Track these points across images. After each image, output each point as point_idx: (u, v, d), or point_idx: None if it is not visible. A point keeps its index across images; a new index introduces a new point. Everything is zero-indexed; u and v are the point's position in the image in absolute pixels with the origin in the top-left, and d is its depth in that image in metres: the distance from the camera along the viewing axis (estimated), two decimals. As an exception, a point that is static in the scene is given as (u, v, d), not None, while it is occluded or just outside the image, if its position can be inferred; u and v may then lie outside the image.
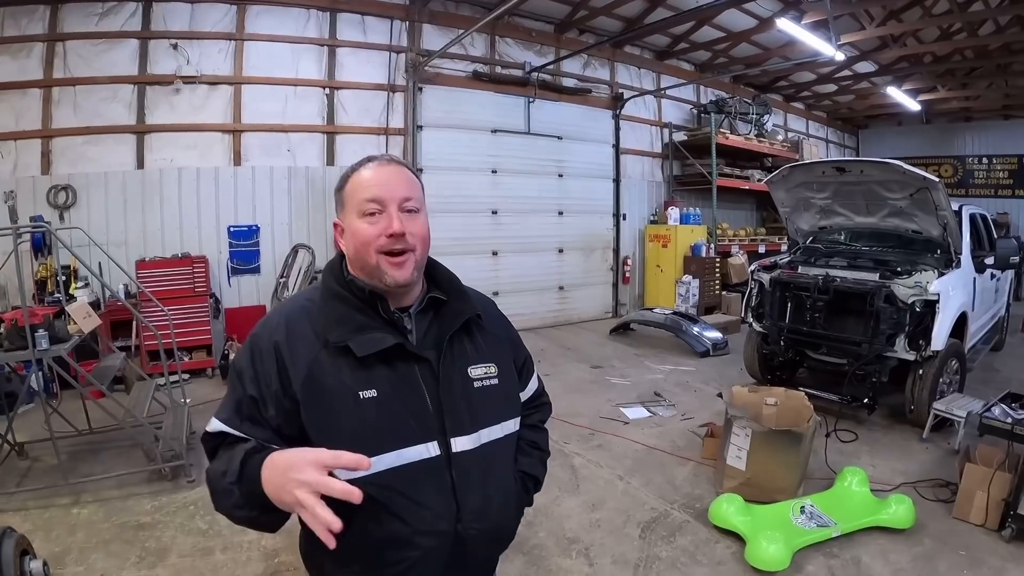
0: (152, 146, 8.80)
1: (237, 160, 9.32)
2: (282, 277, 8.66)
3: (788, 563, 4.20)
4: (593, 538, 4.64)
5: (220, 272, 9.28)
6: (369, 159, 1.69)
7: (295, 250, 8.78)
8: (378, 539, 1.55)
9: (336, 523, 1.24)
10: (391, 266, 1.60)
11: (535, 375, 2.11)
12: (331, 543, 1.25)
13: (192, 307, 8.37)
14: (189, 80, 8.89)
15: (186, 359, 8.16)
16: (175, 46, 8.79)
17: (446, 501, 1.59)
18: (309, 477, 1.27)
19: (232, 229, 9.34)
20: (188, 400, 6.46)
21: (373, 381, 1.55)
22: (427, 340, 1.69)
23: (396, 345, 1.58)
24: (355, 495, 1.27)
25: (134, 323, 8.06)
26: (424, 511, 1.56)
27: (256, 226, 9.50)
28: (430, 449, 1.59)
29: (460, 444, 1.63)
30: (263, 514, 1.44)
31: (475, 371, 1.74)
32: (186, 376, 7.67)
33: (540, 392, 2.13)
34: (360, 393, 1.54)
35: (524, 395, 2.00)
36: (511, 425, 1.81)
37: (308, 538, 1.66)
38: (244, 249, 9.40)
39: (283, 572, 4.03)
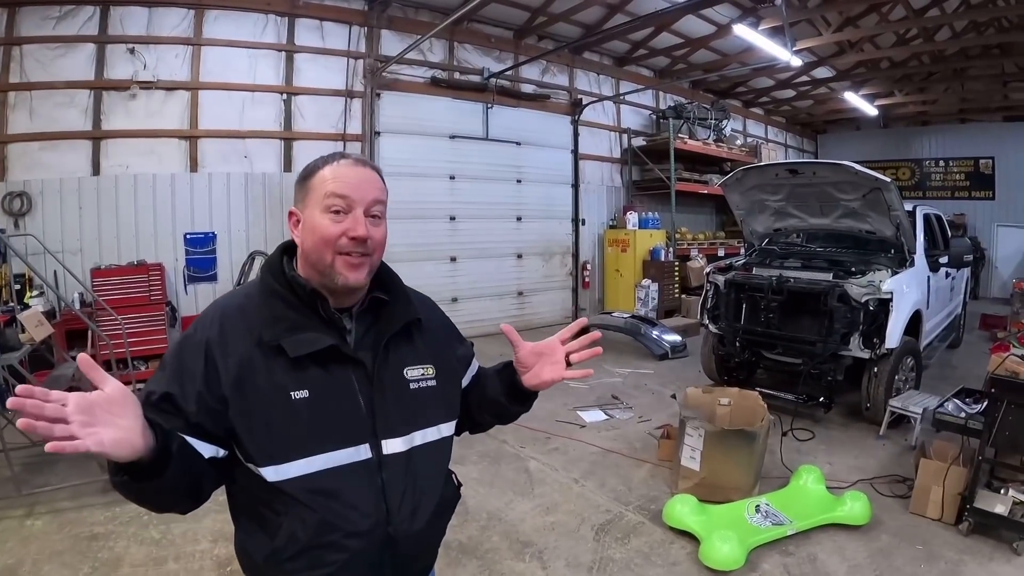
0: (108, 152, 8.66)
1: (194, 166, 9.22)
2: (239, 284, 8.55)
3: (743, 562, 4.26)
4: (547, 541, 4.66)
5: (176, 280, 9.17)
6: (342, 155, 1.67)
7: (252, 257, 8.69)
8: (308, 541, 1.53)
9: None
10: (347, 267, 1.59)
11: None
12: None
13: (148, 316, 8.20)
14: (146, 85, 8.77)
15: (142, 368, 8.02)
16: (132, 51, 8.66)
17: (376, 503, 1.59)
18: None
19: (189, 236, 9.23)
20: (143, 410, 6.35)
21: (306, 381, 1.54)
22: (365, 341, 1.69)
23: (331, 346, 1.58)
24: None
25: (89, 332, 7.92)
26: (352, 513, 1.56)
27: (213, 233, 9.41)
28: (361, 452, 1.59)
29: (391, 447, 1.64)
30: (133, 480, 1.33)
31: (412, 372, 1.74)
32: (141, 386, 7.54)
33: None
34: (292, 394, 1.52)
35: (471, 373, 2.05)
36: (446, 428, 1.81)
37: (244, 541, 1.67)
38: (201, 256, 9.30)
39: (236, 582, 4.00)
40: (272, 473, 1.48)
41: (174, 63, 8.99)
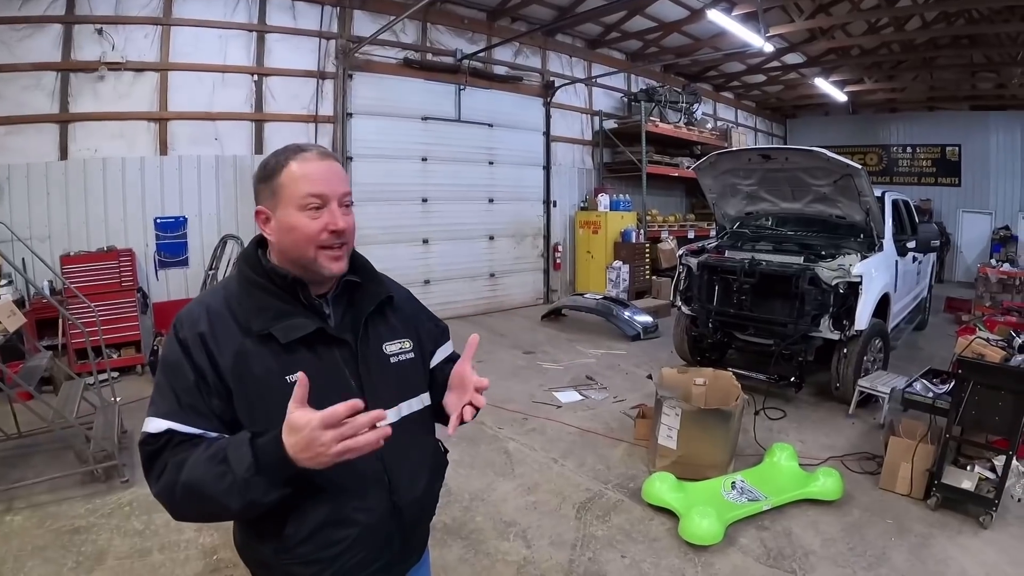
0: (76, 136, 8.45)
1: (163, 149, 9.06)
2: (211, 269, 8.44)
3: (721, 537, 4.36)
4: (530, 520, 4.73)
5: (147, 265, 9.02)
6: (299, 148, 1.67)
7: (223, 241, 8.55)
8: (318, 521, 1.59)
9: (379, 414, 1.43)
10: (330, 260, 1.65)
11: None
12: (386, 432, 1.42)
13: (119, 302, 8.08)
14: (114, 67, 8.55)
15: (115, 356, 7.92)
16: (100, 31, 8.42)
17: (377, 476, 1.67)
18: (315, 421, 1.36)
19: (159, 221, 9.07)
20: (118, 399, 6.30)
21: (298, 366, 1.56)
22: (345, 323, 1.75)
23: (317, 329, 1.63)
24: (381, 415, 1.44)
25: (60, 321, 7.80)
26: (359, 488, 1.62)
27: (183, 217, 9.27)
28: None
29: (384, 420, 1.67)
30: (278, 492, 1.46)
31: (390, 348, 1.82)
32: (115, 374, 7.46)
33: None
34: (287, 378, 1.56)
35: (444, 352, 2.08)
36: (426, 398, 1.90)
37: (245, 532, 1.70)
38: (171, 241, 9.16)
39: (222, 569, 4.01)
40: None
41: (143, 44, 8.78)
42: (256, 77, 9.87)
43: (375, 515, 1.63)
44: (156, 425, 1.52)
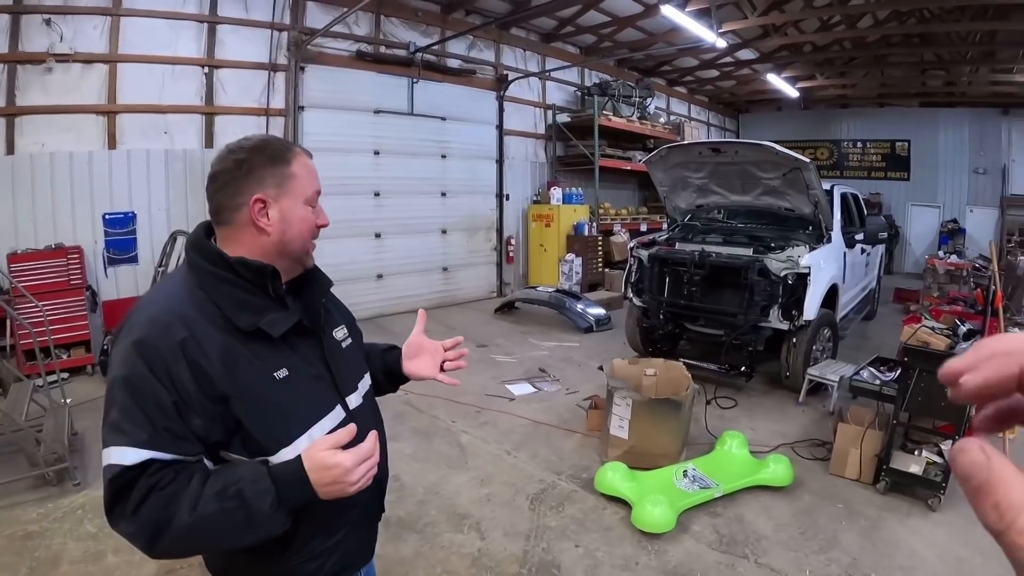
0: (23, 130, 8.17)
1: (112, 143, 8.82)
2: (161, 266, 8.28)
3: (674, 524, 4.43)
4: (484, 512, 4.76)
5: (96, 263, 8.76)
6: (292, 143, 1.74)
7: (173, 237, 8.37)
8: (327, 509, 1.56)
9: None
10: (312, 251, 1.73)
11: None
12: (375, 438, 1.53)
13: (68, 301, 7.89)
14: (62, 58, 8.27)
15: (64, 357, 7.75)
16: (48, 22, 8.12)
17: None
18: (347, 462, 1.43)
19: (108, 217, 8.83)
20: (69, 400, 6.19)
21: (282, 360, 1.57)
22: (305, 313, 1.72)
23: (297, 321, 1.63)
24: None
25: (7, 321, 7.61)
26: None
27: (133, 213, 9.05)
28: (338, 413, 1.70)
29: (353, 401, 1.79)
30: (290, 519, 1.49)
31: (338, 334, 1.86)
32: (65, 375, 7.27)
33: None
34: (275, 375, 1.55)
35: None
36: (368, 376, 1.97)
37: (237, 555, 1.67)
38: (121, 238, 8.93)
39: (177, 570, 3.98)
40: (290, 453, 1.50)
41: (92, 35, 8.52)
42: (207, 69, 9.67)
43: (368, 492, 1.60)
44: (132, 457, 1.36)
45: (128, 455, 1.36)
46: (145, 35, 8.98)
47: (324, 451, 1.42)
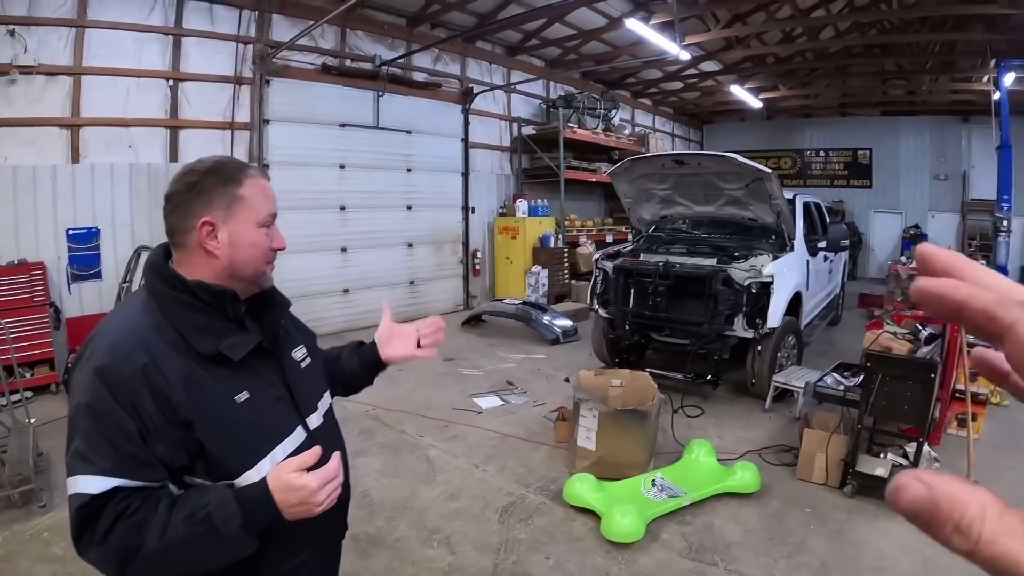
0: (-15, 144, 8.09)
1: (76, 157, 8.67)
2: (125, 282, 8.16)
3: (643, 533, 4.46)
4: (454, 527, 4.76)
5: (60, 279, 8.60)
6: (248, 165, 1.71)
7: (137, 253, 8.24)
8: (295, 529, 1.56)
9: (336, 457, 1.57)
10: (270, 271, 1.73)
11: None
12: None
13: (31, 318, 7.74)
14: (26, 70, 8.12)
15: (27, 375, 7.62)
16: (12, 33, 7.95)
17: None
18: (313, 483, 1.45)
19: (71, 232, 8.67)
20: (33, 420, 6.05)
21: (242, 383, 1.57)
22: (265, 334, 1.72)
23: (258, 343, 1.63)
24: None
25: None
26: None
27: (96, 228, 8.90)
28: (300, 434, 1.70)
29: (313, 421, 1.79)
30: (257, 540, 1.49)
31: (296, 354, 1.86)
32: (28, 394, 7.13)
33: None
34: (235, 398, 1.55)
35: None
36: (328, 395, 1.99)
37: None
38: (84, 253, 8.77)
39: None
40: (254, 476, 1.52)
41: (56, 46, 8.37)
42: (171, 82, 9.56)
43: (330, 512, 1.60)
44: (99, 485, 1.37)
45: (94, 483, 1.37)
46: (110, 47, 8.85)
47: (290, 473, 1.43)
